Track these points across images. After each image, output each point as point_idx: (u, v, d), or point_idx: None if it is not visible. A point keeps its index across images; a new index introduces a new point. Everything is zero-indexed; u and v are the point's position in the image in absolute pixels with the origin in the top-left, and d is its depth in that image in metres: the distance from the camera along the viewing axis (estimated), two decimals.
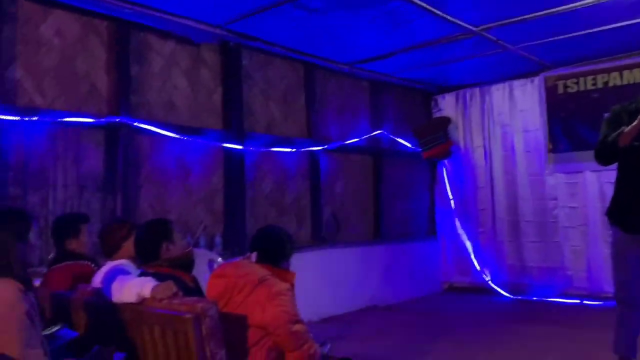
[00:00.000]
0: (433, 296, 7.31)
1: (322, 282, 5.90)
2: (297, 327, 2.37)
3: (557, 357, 4.21)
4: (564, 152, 6.70)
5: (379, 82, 7.12)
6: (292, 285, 2.56)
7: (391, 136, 7.24)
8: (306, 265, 5.79)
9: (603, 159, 3.47)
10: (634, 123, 3.17)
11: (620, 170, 3.48)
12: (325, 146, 6.33)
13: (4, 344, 1.74)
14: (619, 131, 3.26)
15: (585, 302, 6.30)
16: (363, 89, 7.08)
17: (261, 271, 2.47)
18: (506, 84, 7.21)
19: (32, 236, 2.02)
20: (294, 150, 6.03)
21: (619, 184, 3.49)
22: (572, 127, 6.65)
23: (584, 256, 6.54)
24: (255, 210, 5.68)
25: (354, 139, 6.73)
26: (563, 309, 6.19)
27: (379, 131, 7.06)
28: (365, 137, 6.91)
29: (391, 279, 6.84)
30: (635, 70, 6.20)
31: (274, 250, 2.62)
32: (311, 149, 6.20)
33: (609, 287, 5.03)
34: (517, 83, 7.13)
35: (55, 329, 2.47)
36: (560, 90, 6.75)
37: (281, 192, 6.00)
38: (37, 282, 2.99)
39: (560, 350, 4.38)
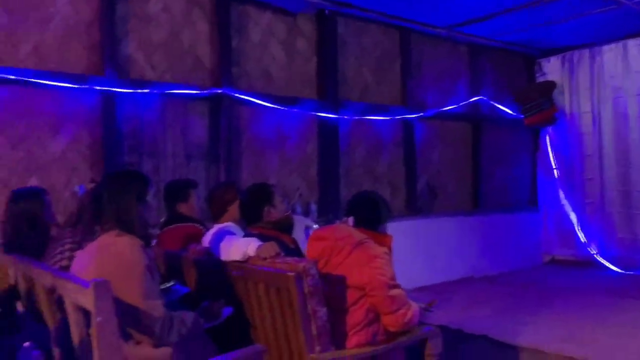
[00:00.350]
0: (533, 269, 7.04)
1: (416, 251, 5.88)
2: (394, 291, 2.40)
3: None
4: None
5: (478, 46, 6.84)
6: (390, 249, 2.59)
7: (491, 102, 6.96)
8: (400, 235, 5.72)
9: None
10: None
11: None
12: (421, 113, 6.22)
13: (127, 294, 1.93)
14: None
15: None
16: (461, 54, 6.83)
17: (359, 234, 2.52)
18: (620, 44, 6.64)
19: (150, 198, 2.19)
20: (388, 118, 5.98)
21: None
22: None
23: None
24: (349, 179, 5.74)
25: (451, 105, 6.55)
26: None
27: (478, 97, 6.81)
28: (463, 103, 6.70)
29: (489, 250, 6.67)
30: None
31: (371, 215, 2.66)
32: (406, 116, 6.12)
33: None
34: (632, 42, 6.54)
35: (169, 284, 2.69)
36: None
37: (375, 161, 6.00)
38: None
39: None
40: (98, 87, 4.19)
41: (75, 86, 4.09)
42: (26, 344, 2.41)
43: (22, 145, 3.98)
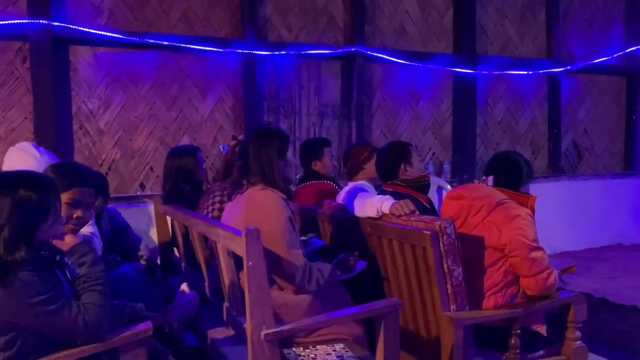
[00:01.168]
0: None
1: (559, 215, 5.52)
2: (536, 253, 2.29)
3: None
4: None
5: None
6: (533, 210, 2.47)
7: None
8: (541, 197, 5.42)
9: None
10: None
11: None
12: (568, 67, 5.72)
13: (272, 243, 2.06)
14: None
15: None
16: None
17: (499, 194, 2.43)
18: None
19: (290, 155, 2.29)
20: (530, 72, 5.59)
21: None
22: None
23: None
24: (486, 138, 5.51)
25: (603, 57, 5.94)
26: None
27: (634, 47, 6.09)
28: (617, 55, 6.04)
29: None
30: None
31: (512, 174, 2.54)
32: (551, 70, 5.68)
33: None
34: None
35: (308, 236, 2.82)
36: None
37: (515, 119, 5.68)
38: None
39: None
40: (240, 50, 4.41)
41: (220, 50, 4.34)
42: (183, 285, 2.71)
43: (176, 107, 4.35)
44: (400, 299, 2.28)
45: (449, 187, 4.85)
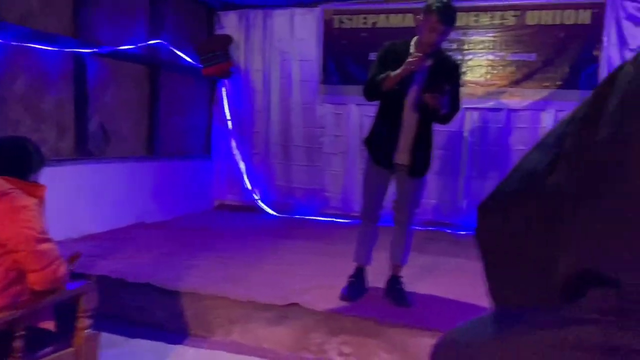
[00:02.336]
0: (204, 213, 7.44)
1: (85, 198, 5.52)
2: (44, 246, 2.18)
3: (311, 267, 4.69)
4: (334, 84, 7.20)
5: None
6: (42, 200, 2.33)
7: (171, 48, 6.88)
8: (67, 180, 5.34)
9: (369, 96, 3.81)
10: (398, 71, 3.52)
11: (381, 107, 3.87)
12: (95, 49, 5.72)
13: None
14: (384, 75, 3.59)
15: (337, 220, 7.09)
16: None
17: (3, 184, 2.19)
18: (288, 11, 7.34)
19: None
20: (56, 49, 5.32)
21: (378, 119, 3.90)
22: (343, 61, 7.13)
23: (341, 180, 7.28)
24: (3, 115, 4.94)
25: (129, 45, 6.21)
26: (320, 226, 6.87)
27: (157, 40, 6.63)
28: (141, 45, 6.43)
29: (162, 196, 6.73)
30: (401, 15, 6.85)
31: (19, 162, 2.33)
32: (77, 50, 5.55)
33: (357, 207, 5.67)
34: (298, 11, 7.30)
35: None
36: (336, 24, 7.14)
37: (39, 96, 5.30)
38: None
39: (314, 261, 4.89)
40: None
41: None
42: None
43: None
44: None
45: None
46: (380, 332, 3.40)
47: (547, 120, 6.38)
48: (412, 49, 3.64)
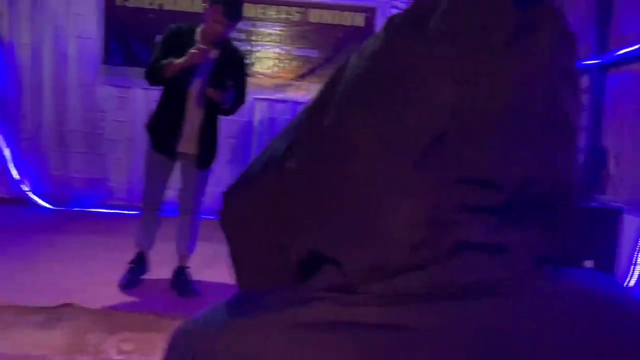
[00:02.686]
0: None
1: None
2: None
3: (91, 263, 4.34)
4: (118, 65, 6.72)
5: None
6: None
7: None
8: None
9: (151, 81, 3.65)
10: (180, 60, 3.42)
11: (164, 93, 3.73)
12: None
13: None
14: (167, 61, 3.46)
15: (123, 211, 6.67)
16: None
17: None
18: None
19: None
20: None
21: (161, 105, 3.76)
22: (128, 42, 6.70)
23: (125, 169, 6.86)
24: None
25: None
26: (103, 219, 6.40)
27: None
28: None
29: None
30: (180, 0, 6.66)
31: None
32: None
33: None
34: None
35: None
36: (120, 2, 6.67)
37: None
38: None
39: (94, 257, 4.53)
40: None
41: None
42: None
43: None
44: None
45: None
46: (163, 326, 3.30)
47: None
48: (197, 37, 3.58)
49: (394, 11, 6.67)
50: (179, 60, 3.42)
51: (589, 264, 3.37)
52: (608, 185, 4.52)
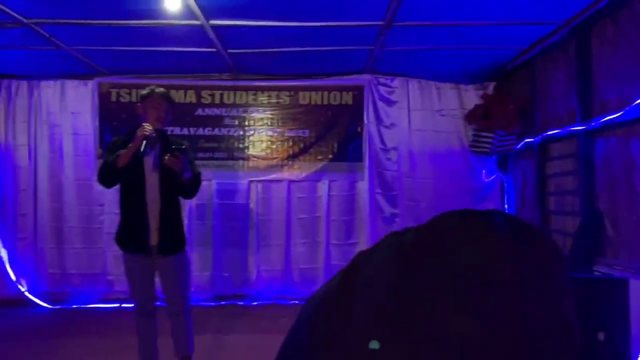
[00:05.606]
0: None
1: None
2: None
3: None
4: None
5: None
6: None
7: None
8: None
9: (105, 181, 3.69)
10: (130, 145, 3.53)
11: (122, 193, 3.77)
12: None
13: None
14: (117, 153, 3.54)
15: (124, 305, 6.54)
16: None
17: None
18: (58, 83, 6.82)
19: None
20: None
21: (122, 207, 3.77)
22: (121, 135, 6.78)
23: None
24: None
25: None
26: (103, 315, 6.27)
27: None
28: None
29: None
30: (182, 91, 6.85)
31: None
32: None
33: None
34: (70, 83, 6.83)
35: None
36: (114, 98, 6.84)
37: None
38: None
39: None
40: None
41: None
42: None
43: None
44: None
45: None
46: None
47: (323, 190, 6.92)
48: (138, 132, 3.63)
49: (381, 88, 6.88)
50: (128, 147, 3.54)
51: (601, 336, 3.33)
52: (607, 247, 4.54)
